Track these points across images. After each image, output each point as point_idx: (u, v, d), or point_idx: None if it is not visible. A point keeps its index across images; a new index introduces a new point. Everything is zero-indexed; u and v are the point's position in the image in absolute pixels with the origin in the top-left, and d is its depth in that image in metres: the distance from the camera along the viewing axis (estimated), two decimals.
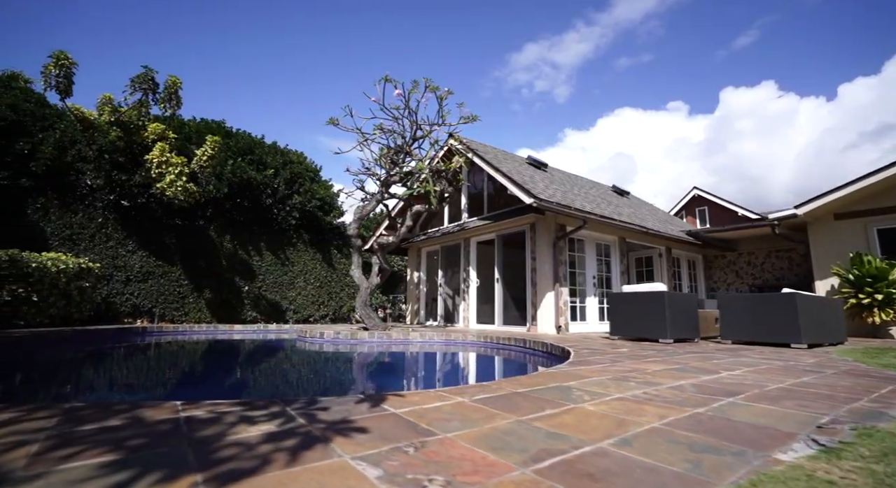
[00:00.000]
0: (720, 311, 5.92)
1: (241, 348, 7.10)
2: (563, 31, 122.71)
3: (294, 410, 1.65)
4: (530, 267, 8.57)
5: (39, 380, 3.79)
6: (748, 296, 5.73)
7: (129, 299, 8.92)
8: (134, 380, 3.94)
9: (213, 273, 10.04)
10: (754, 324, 5.55)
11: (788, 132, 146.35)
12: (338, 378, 4.32)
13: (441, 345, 7.03)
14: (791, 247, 10.72)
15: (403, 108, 8.73)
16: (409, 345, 7.08)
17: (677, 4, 78.29)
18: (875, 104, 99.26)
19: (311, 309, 11.57)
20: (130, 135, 8.41)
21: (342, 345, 6.97)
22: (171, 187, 8.09)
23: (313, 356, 5.94)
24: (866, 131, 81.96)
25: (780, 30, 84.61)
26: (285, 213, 10.93)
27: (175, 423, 1.45)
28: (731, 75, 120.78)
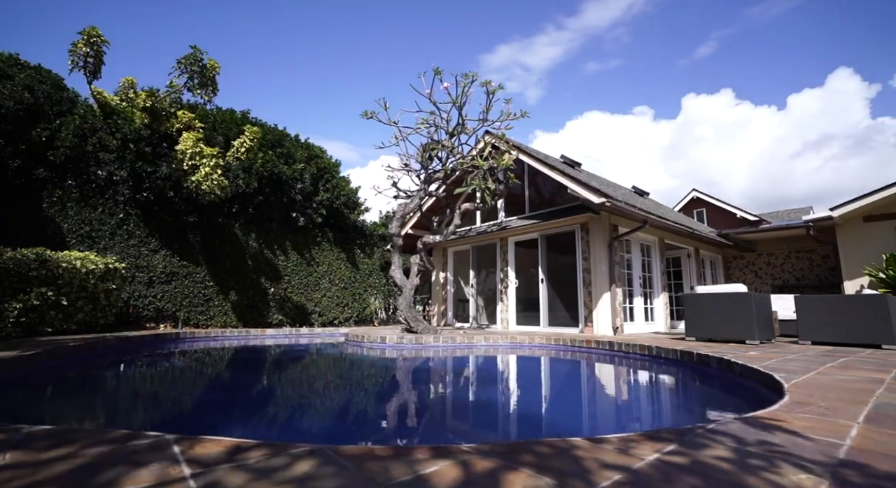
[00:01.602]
0: (798, 312, 5.98)
1: (301, 357, 6.63)
2: (533, 33, 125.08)
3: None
4: (582, 267, 8.46)
5: (159, 400, 3.30)
6: (829, 297, 5.79)
7: (151, 302, 8.20)
8: (242, 403, 3.51)
9: (239, 273, 9.40)
10: (836, 325, 5.61)
11: (743, 139, 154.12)
12: (481, 398, 4.00)
13: (516, 350, 6.79)
14: (812, 249, 11.11)
15: (450, 102, 8.45)
16: (479, 350, 6.80)
17: (642, 14, 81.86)
18: (818, 114, 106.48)
19: (335, 311, 11.06)
20: (160, 123, 7.72)
21: (407, 350, 6.61)
22: (206, 180, 7.47)
23: (392, 365, 5.58)
24: (809, 141, 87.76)
25: (737, 42, 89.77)
26: (311, 210, 10.38)
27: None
28: (692, 82, 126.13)
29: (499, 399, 3.50)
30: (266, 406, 3.12)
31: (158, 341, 6.99)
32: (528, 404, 3.34)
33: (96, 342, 5.34)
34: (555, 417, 2.91)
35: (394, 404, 3.30)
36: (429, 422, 2.74)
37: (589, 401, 3.49)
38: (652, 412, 3.06)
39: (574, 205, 8.67)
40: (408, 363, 5.78)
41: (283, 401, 3.33)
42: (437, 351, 6.66)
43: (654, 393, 3.85)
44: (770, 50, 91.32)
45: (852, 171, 72.61)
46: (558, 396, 3.65)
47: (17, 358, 3.64)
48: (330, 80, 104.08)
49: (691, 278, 11.19)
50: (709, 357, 4.05)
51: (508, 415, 2.96)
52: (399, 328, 10.22)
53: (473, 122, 8.56)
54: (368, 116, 9.37)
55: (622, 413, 3.07)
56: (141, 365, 5.23)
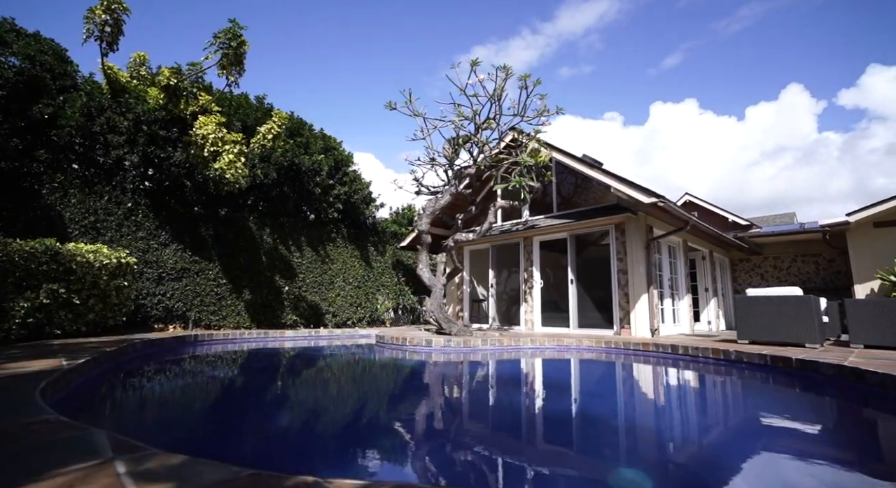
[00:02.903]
0: (849, 316, 6.03)
1: (351, 364, 6.16)
2: (509, 36, 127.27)
3: None
4: (617, 268, 8.34)
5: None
6: (883, 300, 5.87)
7: (160, 301, 7.48)
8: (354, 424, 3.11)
9: (253, 270, 8.75)
10: (889, 329, 5.68)
11: (706, 147, 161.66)
12: (587, 413, 3.71)
13: (564, 353, 6.55)
14: (818, 253, 11.48)
15: (479, 95, 8.16)
16: (527, 353, 6.53)
17: (615, 23, 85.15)
18: (773, 126, 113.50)
19: (349, 311, 10.53)
20: (176, 104, 7.03)
21: (455, 354, 6.26)
22: (230, 169, 6.86)
23: (457, 373, 5.23)
24: (766, 151, 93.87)
25: (702, 54, 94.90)
26: (327, 205, 9.83)
27: None
28: (660, 91, 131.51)
29: (602, 415, 3.22)
30: (370, 431, 2.73)
31: (180, 344, 6.34)
32: (646, 421, 3.08)
33: (127, 347, 4.72)
34: (696, 440, 2.67)
35: (505, 424, 2.97)
36: (559, 447, 2.44)
37: (716, 419, 3.27)
38: (822, 436, 2.87)
39: (609, 204, 8.55)
40: (470, 370, 5.45)
41: (379, 424, 2.93)
42: (487, 354, 6.34)
43: (792, 409, 3.67)
44: (731, 63, 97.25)
45: (802, 181, 77.54)
46: (675, 413, 3.41)
47: (73, 369, 3.07)
48: (301, 80, 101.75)
49: (705, 280, 11.34)
50: (818, 363, 3.93)
51: (641, 438, 2.69)
52: (420, 328, 9.82)
53: (508, 116, 8.29)
54: (391, 107, 8.96)
55: (773, 434, 2.85)
56: (185, 373, 4.67)
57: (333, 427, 2.66)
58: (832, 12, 72.87)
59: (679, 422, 2.90)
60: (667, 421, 2.88)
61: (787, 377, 4.16)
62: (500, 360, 6.02)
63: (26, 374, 2.74)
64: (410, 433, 2.53)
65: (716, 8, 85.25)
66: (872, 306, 5.89)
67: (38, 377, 2.61)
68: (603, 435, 2.52)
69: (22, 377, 2.65)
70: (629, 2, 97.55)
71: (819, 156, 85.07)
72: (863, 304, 5.93)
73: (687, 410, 3.26)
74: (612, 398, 3.70)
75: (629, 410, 3.20)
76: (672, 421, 2.92)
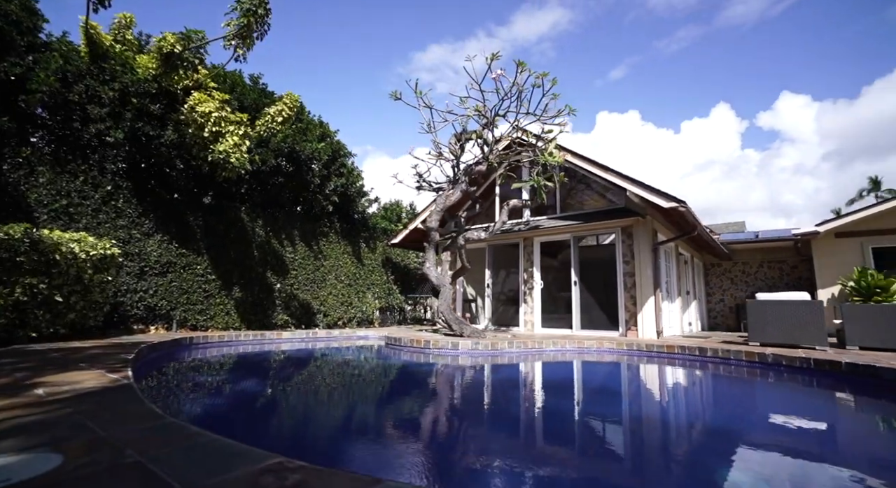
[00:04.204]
0: (846, 320, 6.50)
1: (383, 372, 5.76)
2: (465, 38, 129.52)
3: None
4: (623, 271, 8.50)
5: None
6: (878, 307, 6.38)
7: (142, 298, 6.59)
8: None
9: (244, 266, 7.98)
10: (882, 331, 6.18)
11: (646, 157, 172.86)
12: (651, 418, 3.63)
13: (584, 355, 6.53)
14: (783, 259, 12.47)
15: (506, 91, 7.97)
16: (549, 355, 6.44)
17: (567, 33, 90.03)
18: (704, 141, 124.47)
19: (339, 311, 9.96)
20: (171, 75, 6.21)
21: (483, 357, 6.05)
22: (235, 152, 6.17)
23: (506, 380, 5.04)
24: (697, 163, 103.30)
25: (644, 69, 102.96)
26: (323, 197, 9.20)
27: None
28: (606, 101, 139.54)
29: (685, 420, 3.18)
30: (460, 450, 2.47)
31: (179, 348, 5.60)
32: (725, 424, 3.06)
33: (139, 352, 4.04)
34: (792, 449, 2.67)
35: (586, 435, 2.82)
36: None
37: (795, 418, 3.31)
38: None
39: (616, 207, 8.70)
40: (516, 376, 5.27)
41: (464, 442, 2.67)
42: (515, 357, 6.18)
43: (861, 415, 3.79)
44: (670, 79, 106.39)
45: (728, 193, 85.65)
46: (752, 416, 3.43)
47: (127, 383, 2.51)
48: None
49: (686, 284, 11.92)
50: (856, 366, 4.14)
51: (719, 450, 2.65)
52: (414, 328, 9.46)
53: (525, 115, 8.16)
54: (396, 97, 8.56)
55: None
56: (218, 385, 4.07)
57: (421, 447, 2.36)
58: (755, 41, 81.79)
59: (758, 424, 2.88)
60: (747, 424, 2.85)
61: (831, 379, 4.36)
62: (536, 364, 5.89)
63: (88, 391, 2.18)
64: (504, 452, 2.28)
65: (657, 27, 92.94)
66: (868, 311, 6.38)
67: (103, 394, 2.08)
68: (697, 441, 2.42)
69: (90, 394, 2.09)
70: (580, 14, 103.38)
71: (741, 171, 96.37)
72: (860, 309, 6.41)
73: (758, 413, 3.27)
74: (681, 403, 3.66)
75: (705, 415, 3.15)
76: (752, 423, 2.90)
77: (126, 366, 3.20)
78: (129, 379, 2.63)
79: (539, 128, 8.43)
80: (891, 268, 9.76)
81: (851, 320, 6.39)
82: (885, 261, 10.08)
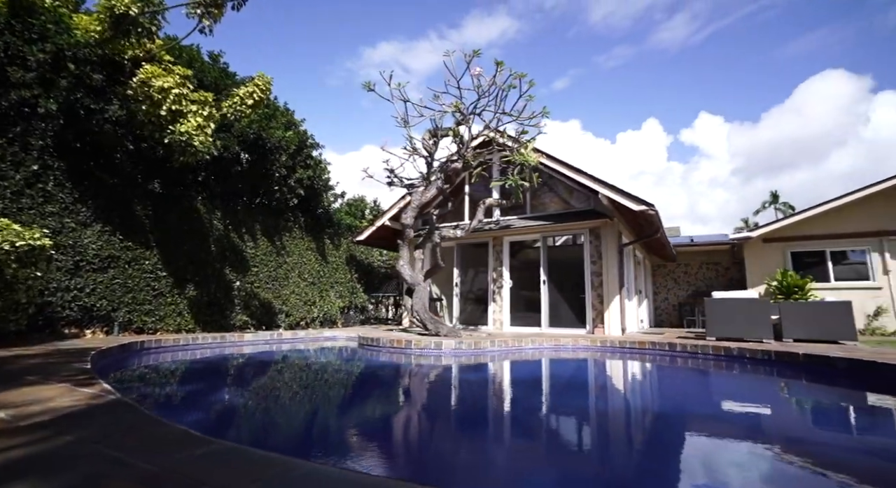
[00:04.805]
0: (782, 316, 7.23)
1: (366, 374, 5.46)
2: (416, 38, 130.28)
3: None
4: (591, 270, 8.83)
5: None
6: (808, 304, 7.16)
7: (76, 298, 5.70)
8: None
9: (200, 261, 7.21)
10: (810, 325, 6.96)
11: (584, 165, 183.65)
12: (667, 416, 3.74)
13: (561, 352, 6.68)
14: (718, 261, 13.71)
15: (485, 89, 7.94)
16: (527, 353, 6.49)
17: (514, 41, 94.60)
18: (636, 152, 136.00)
19: (303, 310, 9.37)
20: (118, 43, 5.43)
21: (466, 356, 5.98)
22: (199, 134, 5.54)
23: (494, 379, 4.98)
24: (631, 173, 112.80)
25: (585, 81, 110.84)
26: (288, 189, 8.60)
27: None
28: (550, 109, 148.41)
29: (686, 410, 3.34)
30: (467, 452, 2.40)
31: (129, 354, 4.90)
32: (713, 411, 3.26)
33: (92, 360, 3.43)
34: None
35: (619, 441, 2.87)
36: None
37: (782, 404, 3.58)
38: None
39: (585, 209, 9.01)
40: (507, 375, 5.22)
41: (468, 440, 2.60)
42: (496, 356, 6.16)
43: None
44: (607, 92, 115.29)
45: (657, 202, 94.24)
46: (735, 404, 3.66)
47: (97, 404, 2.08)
48: None
49: (639, 283, 12.69)
50: (811, 356, 4.59)
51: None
52: (380, 328, 9.16)
53: (503, 114, 8.18)
54: (369, 88, 8.25)
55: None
56: (183, 396, 3.57)
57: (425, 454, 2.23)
58: (679, 64, 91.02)
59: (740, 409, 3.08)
60: (743, 409, 3.04)
61: (791, 368, 4.79)
62: (520, 362, 5.91)
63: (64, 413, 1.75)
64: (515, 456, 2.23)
65: (597, 43, 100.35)
66: (800, 308, 7.14)
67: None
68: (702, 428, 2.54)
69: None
70: (527, 24, 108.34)
71: (666, 182, 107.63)
72: (794, 306, 7.15)
73: (750, 399, 3.51)
74: (675, 395, 3.83)
75: (694, 405, 3.32)
76: (735, 409, 3.10)
77: (92, 377, 2.68)
78: (113, 392, 2.19)
79: (515, 128, 8.51)
80: (806, 270, 11.09)
81: (787, 316, 7.10)
82: (801, 264, 11.43)
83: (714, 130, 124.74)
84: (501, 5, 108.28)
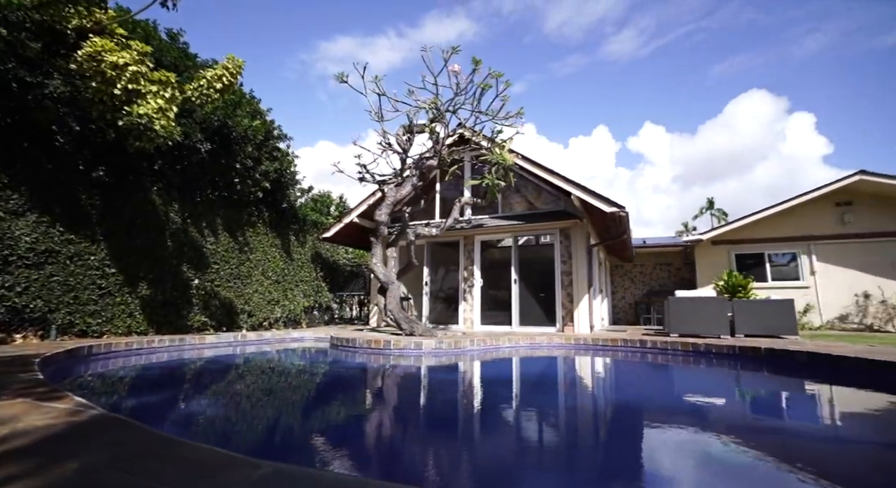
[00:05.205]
0: (735, 314, 7.80)
1: (353, 378, 5.24)
2: (375, 34, 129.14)
3: None
4: (561, 270, 9.05)
5: None
6: (758, 301, 7.77)
7: (4, 297, 4.99)
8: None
9: (154, 257, 6.57)
10: (759, 322, 7.56)
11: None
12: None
13: (537, 350, 6.79)
14: (670, 262, 14.60)
15: (463, 87, 7.90)
16: (504, 352, 6.53)
17: (472, 44, 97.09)
18: (587, 157, 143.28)
19: (266, 310, 8.85)
20: (60, 8, 4.82)
21: (446, 356, 5.92)
22: (160, 118, 5.05)
23: (492, 378, 4.96)
24: (584, 177, 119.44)
25: (541, 87, 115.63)
26: (253, 182, 8.07)
27: None
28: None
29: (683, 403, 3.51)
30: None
31: (77, 360, 4.34)
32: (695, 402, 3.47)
33: (41, 369, 2.99)
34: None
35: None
36: None
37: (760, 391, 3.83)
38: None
39: (557, 209, 9.22)
40: (496, 374, 5.19)
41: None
42: (475, 355, 6.14)
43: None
44: (561, 99, 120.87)
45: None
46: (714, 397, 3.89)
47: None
48: None
49: (600, 283, 13.23)
50: (773, 350, 4.98)
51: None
52: (348, 328, 8.86)
53: (480, 113, 8.18)
54: (342, 79, 7.98)
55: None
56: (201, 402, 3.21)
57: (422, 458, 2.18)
58: (627, 75, 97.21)
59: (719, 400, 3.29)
60: (728, 397, 3.24)
61: (754, 361, 5.16)
62: (506, 360, 5.92)
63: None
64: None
65: (552, 51, 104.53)
66: (751, 305, 7.73)
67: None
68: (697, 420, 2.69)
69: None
70: (485, 28, 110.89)
71: (616, 187, 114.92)
72: (746, 304, 7.73)
73: (731, 388, 3.73)
74: (667, 387, 3.99)
75: (692, 393, 3.50)
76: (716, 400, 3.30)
77: (54, 389, 2.32)
78: (93, 406, 1.89)
79: (491, 127, 8.53)
80: (748, 270, 12.08)
81: (739, 313, 7.66)
82: (743, 265, 12.44)
83: (657, 139, 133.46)
84: (460, 7, 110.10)
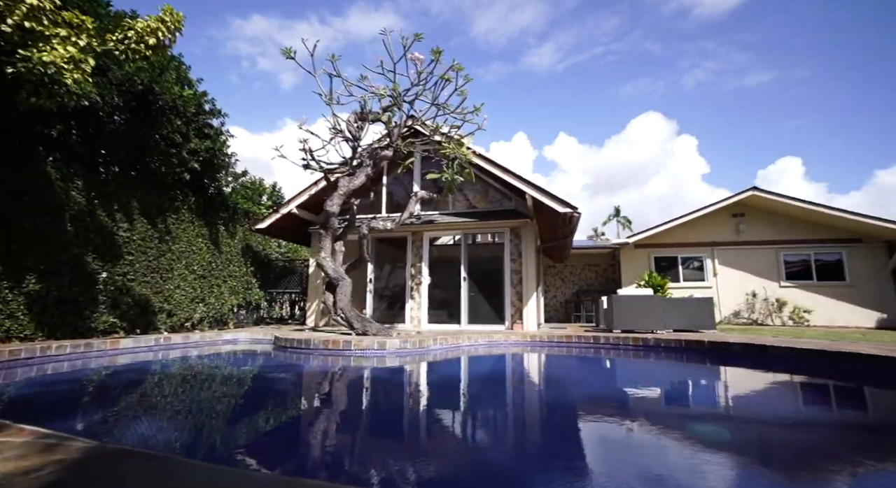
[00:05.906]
0: (665, 310, 8.57)
1: (315, 383, 4.74)
2: (295, 18, 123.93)
3: None
4: (511, 268, 9.21)
5: None
6: (682, 299, 8.62)
7: None
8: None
9: (49, 244, 5.35)
10: (685, 317, 8.42)
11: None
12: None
13: (495, 348, 6.83)
14: (597, 263, 15.73)
15: (423, 77, 7.68)
16: (466, 350, 6.45)
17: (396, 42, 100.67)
18: (507, 163, 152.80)
19: (188, 309, 7.76)
20: None
21: (411, 356, 5.69)
22: (72, 69, 4.12)
23: (451, 380, 4.81)
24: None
25: (469, 87, 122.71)
26: (179, 161, 7.00)
27: None
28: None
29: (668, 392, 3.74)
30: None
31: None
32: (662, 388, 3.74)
33: None
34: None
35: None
36: None
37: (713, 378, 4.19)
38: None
39: (508, 208, 9.37)
40: (471, 373, 5.03)
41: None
42: (437, 354, 5.99)
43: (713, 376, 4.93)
44: (485, 103, 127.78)
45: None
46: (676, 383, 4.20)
47: None
48: None
49: (540, 279, 13.78)
50: (715, 342, 5.51)
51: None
52: (296, 328, 8.11)
53: (434, 105, 8.00)
54: (288, 55, 7.35)
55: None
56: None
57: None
58: (546, 86, 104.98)
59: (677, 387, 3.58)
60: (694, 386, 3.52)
61: (698, 353, 5.66)
62: (477, 358, 5.84)
63: None
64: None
65: (477, 56, 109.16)
66: (679, 303, 8.55)
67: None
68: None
69: None
70: (412, 26, 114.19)
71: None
72: (675, 303, 8.53)
73: (692, 378, 4.04)
74: (631, 378, 4.18)
75: (660, 384, 3.73)
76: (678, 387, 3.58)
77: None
78: (65, 434, 1.36)
79: (448, 121, 8.38)
80: (665, 271, 13.44)
81: (668, 310, 8.39)
82: (661, 266, 13.82)
83: (570, 150, 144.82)
84: (388, 2, 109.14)
